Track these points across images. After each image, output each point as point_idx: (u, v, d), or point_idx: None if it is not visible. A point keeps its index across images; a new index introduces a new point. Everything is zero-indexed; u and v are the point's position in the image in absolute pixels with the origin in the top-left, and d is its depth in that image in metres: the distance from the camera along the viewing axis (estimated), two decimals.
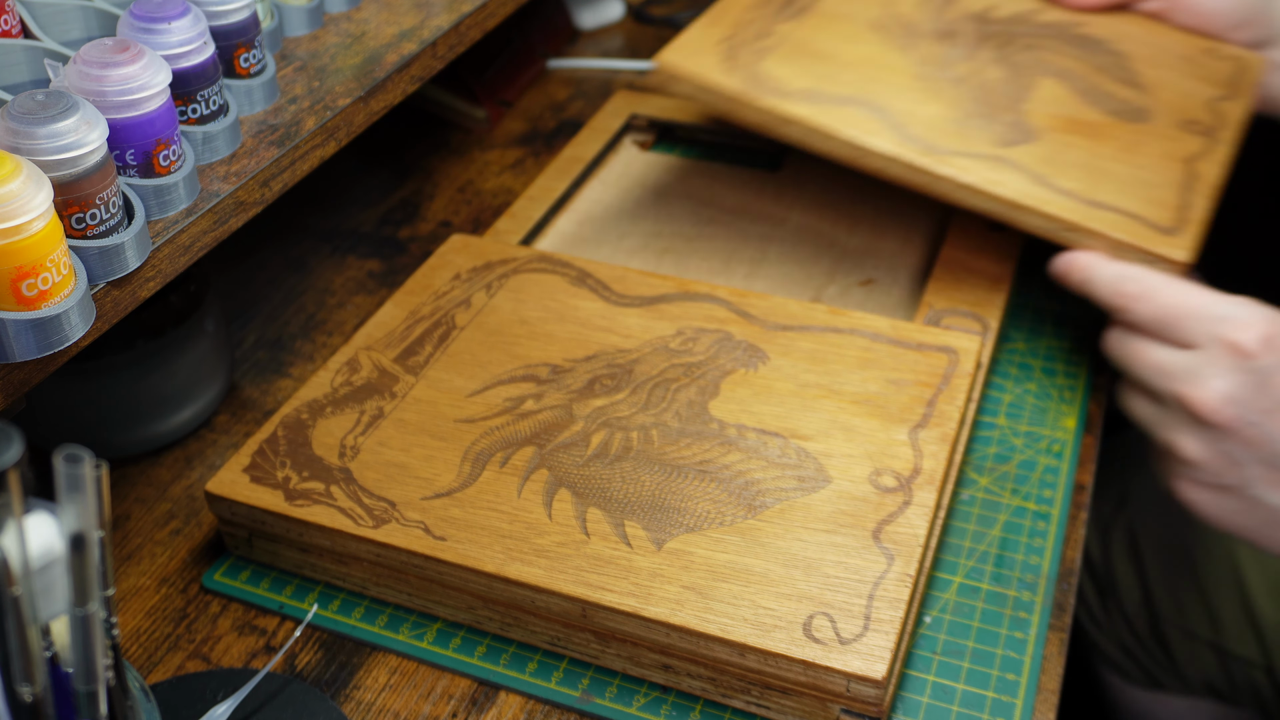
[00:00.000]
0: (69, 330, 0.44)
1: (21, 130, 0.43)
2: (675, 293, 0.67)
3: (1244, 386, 0.56)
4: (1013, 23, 0.77)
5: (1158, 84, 0.73)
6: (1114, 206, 0.64)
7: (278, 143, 0.55)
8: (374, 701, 0.54)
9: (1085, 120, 0.70)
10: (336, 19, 0.65)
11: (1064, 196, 0.64)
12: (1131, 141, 0.68)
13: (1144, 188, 0.65)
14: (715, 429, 0.58)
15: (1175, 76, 0.74)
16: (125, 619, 0.58)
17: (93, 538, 0.32)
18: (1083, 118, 0.70)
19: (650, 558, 0.53)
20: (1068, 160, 0.67)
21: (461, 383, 0.62)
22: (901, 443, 0.57)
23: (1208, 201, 0.65)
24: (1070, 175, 0.66)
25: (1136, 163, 0.67)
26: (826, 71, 0.70)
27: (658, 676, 0.53)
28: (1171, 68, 0.75)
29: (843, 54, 0.71)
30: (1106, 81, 0.73)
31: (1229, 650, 0.79)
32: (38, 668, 0.33)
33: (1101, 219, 0.63)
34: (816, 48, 0.71)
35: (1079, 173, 0.66)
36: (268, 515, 0.56)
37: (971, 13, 0.77)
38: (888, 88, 0.69)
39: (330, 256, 0.82)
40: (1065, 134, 0.68)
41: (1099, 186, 0.65)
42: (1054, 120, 0.69)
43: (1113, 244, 0.63)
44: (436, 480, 0.56)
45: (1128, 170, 0.66)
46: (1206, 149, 0.69)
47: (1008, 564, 0.59)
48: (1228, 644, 0.79)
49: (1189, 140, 0.69)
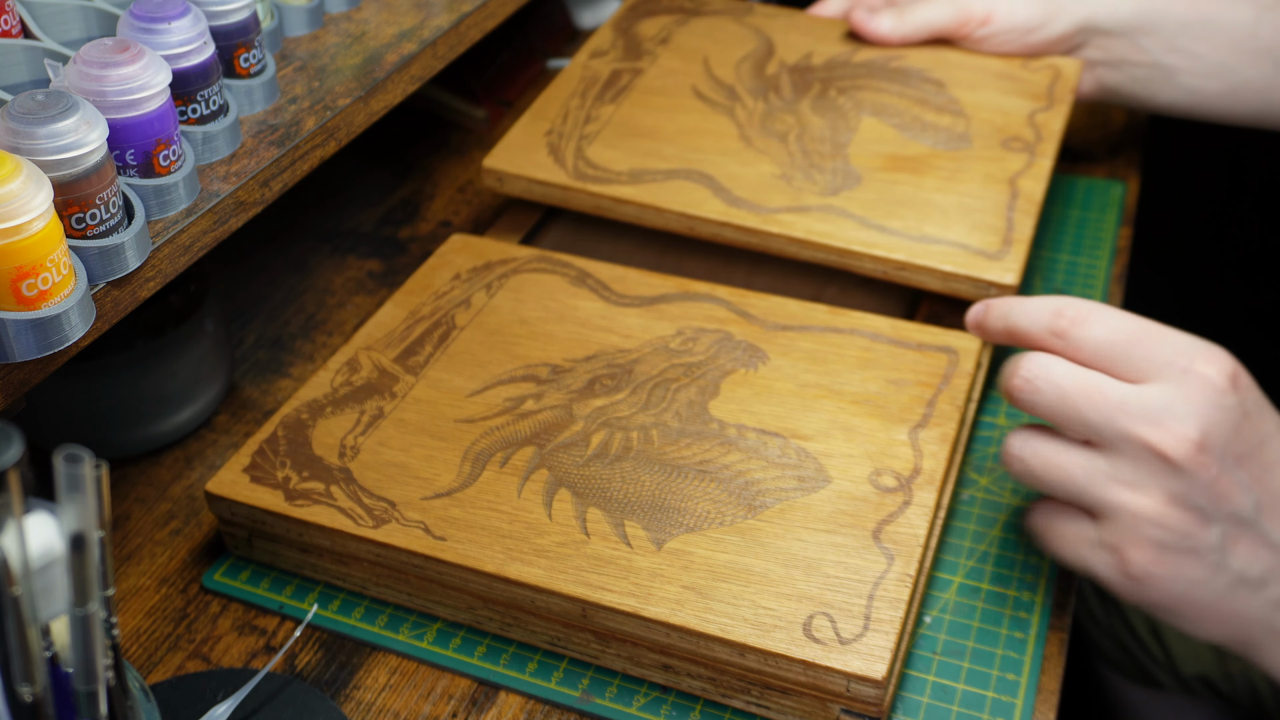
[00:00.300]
0: (69, 330, 0.44)
1: (21, 130, 0.43)
2: (675, 293, 0.67)
3: (1220, 426, 0.47)
4: (830, 67, 0.79)
5: (977, 106, 0.76)
6: (941, 239, 0.66)
7: (278, 143, 0.55)
8: (374, 701, 0.54)
9: (908, 155, 0.72)
10: (336, 19, 0.65)
11: (893, 236, 0.66)
12: (954, 170, 0.71)
13: (969, 214, 0.68)
14: (715, 429, 0.58)
15: (994, 95, 0.76)
16: (125, 619, 0.58)
17: (93, 538, 0.32)
18: (905, 153, 0.72)
19: (650, 558, 0.53)
20: (894, 198, 0.69)
21: (461, 383, 0.62)
22: (901, 443, 0.57)
23: (1031, 219, 0.67)
24: (897, 214, 0.68)
25: (961, 190, 0.69)
26: (651, 148, 0.72)
27: (658, 676, 0.53)
28: (989, 87, 0.77)
29: (666, 128, 0.74)
30: (927, 112, 0.75)
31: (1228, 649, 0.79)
32: (38, 668, 0.33)
33: (930, 253, 0.65)
34: (640, 125, 0.74)
35: (905, 210, 0.68)
36: (268, 515, 0.56)
37: (790, 64, 0.80)
38: (712, 154, 0.72)
39: (330, 256, 0.82)
40: (890, 172, 0.71)
41: (926, 221, 0.67)
42: (878, 160, 0.72)
43: (943, 276, 0.64)
44: (436, 480, 0.56)
45: (953, 199, 0.69)
46: (1028, 165, 0.71)
47: (1007, 564, 0.59)
48: None
49: (1011, 159, 0.71)
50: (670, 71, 0.79)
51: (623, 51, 0.81)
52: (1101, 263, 0.79)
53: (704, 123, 0.74)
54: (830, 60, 0.80)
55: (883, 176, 0.70)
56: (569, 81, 0.78)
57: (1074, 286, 0.76)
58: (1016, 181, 0.70)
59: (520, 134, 0.74)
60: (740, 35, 0.82)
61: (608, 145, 0.73)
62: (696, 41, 0.82)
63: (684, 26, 0.83)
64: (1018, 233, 0.66)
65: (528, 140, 0.73)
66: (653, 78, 0.78)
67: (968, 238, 0.66)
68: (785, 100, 0.76)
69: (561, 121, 0.74)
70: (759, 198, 0.69)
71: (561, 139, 0.73)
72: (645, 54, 0.80)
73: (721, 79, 0.78)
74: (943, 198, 0.69)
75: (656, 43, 0.81)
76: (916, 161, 0.71)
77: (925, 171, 0.71)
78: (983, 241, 0.66)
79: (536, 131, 0.74)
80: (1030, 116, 0.75)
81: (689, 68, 0.79)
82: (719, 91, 0.77)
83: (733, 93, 0.77)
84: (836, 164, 0.71)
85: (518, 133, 0.74)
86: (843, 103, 0.76)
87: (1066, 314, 0.50)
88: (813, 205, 0.68)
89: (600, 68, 0.79)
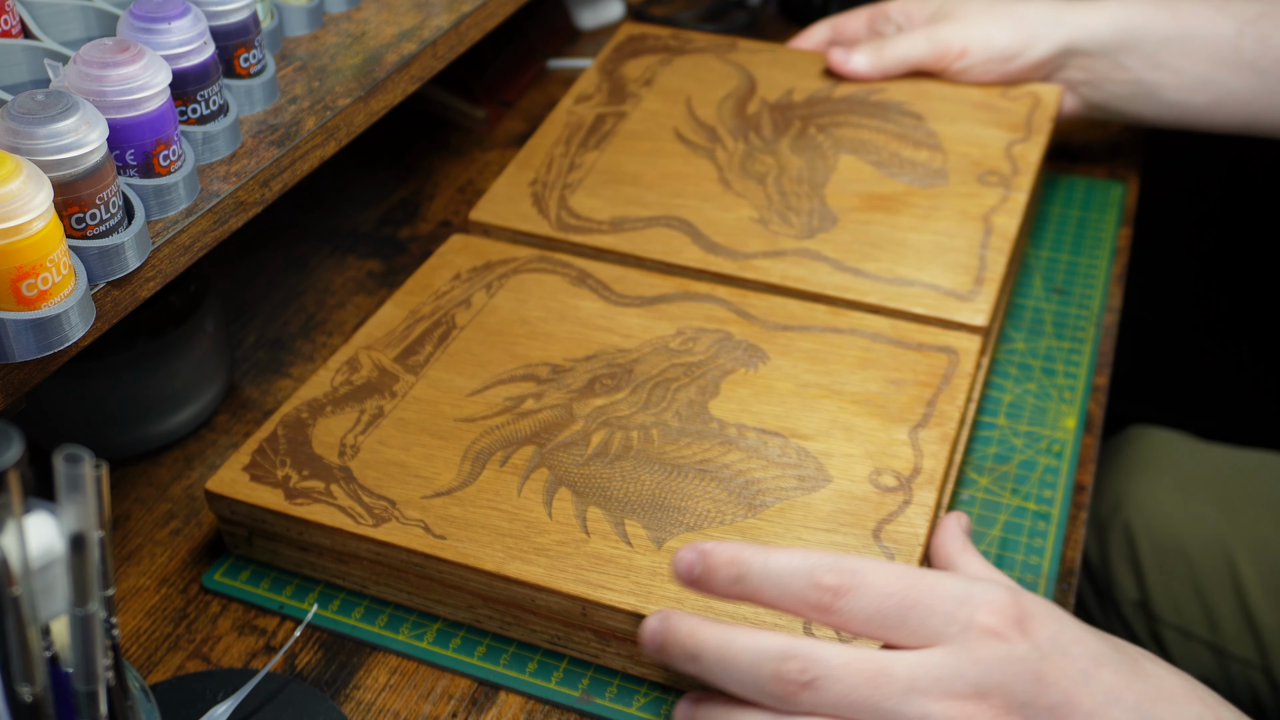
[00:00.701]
0: (69, 330, 0.44)
1: (21, 130, 0.43)
2: (675, 293, 0.67)
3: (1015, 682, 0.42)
4: (811, 104, 0.80)
5: (955, 140, 0.76)
6: (914, 280, 0.66)
7: (278, 143, 0.55)
8: (374, 701, 0.54)
9: (884, 194, 0.72)
10: (336, 19, 0.65)
11: (866, 279, 0.67)
12: (930, 207, 0.71)
13: (943, 254, 0.68)
14: (715, 428, 0.59)
15: (972, 127, 0.77)
16: (125, 619, 0.58)
17: (93, 538, 0.32)
18: (882, 191, 0.73)
19: (650, 556, 0.53)
20: (869, 239, 0.69)
21: (461, 382, 0.62)
22: (902, 442, 0.57)
23: (1004, 256, 0.68)
24: (872, 255, 0.68)
25: (935, 229, 0.70)
26: (633, 194, 0.73)
27: (658, 675, 0.53)
28: (968, 119, 0.78)
29: (647, 173, 0.75)
30: (905, 148, 0.76)
31: (1226, 651, 0.79)
32: (38, 668, 0.33)
33: (902, 296, 0.65)
34: (622, 171, 0.75)
35: (880, 251, 0.68)
36: (268, 514, 0.56)
37: (771, 102, 0.80)
38: (692, 199, 0.73)
39: (330, 256, 0.82)
40: (866, 212, 0.71)
41: (900, 262, 0.68)
42: (855, 199, 0.72)
43: (914, 318, 0.64)
44: (436, 479, 0.56)
45: (927, 238, 0.69)
46: (1002, 200, 0.72)
47: (1008, 564, 0.59)
48: (1225, 644, 0.80)
49: (986, 194, 0.72)
50: (653, 114, 0.80)
51: (607, 95, 0.82)
52: (1101, 263, 0.79)
53: (685, 166, 0.75)
54: (811, 96, 0.81)
55: (858, 217, 0.71)
56: (554, 128, 0.79)
57: (1074, 286, 0.77)
58: (991, 218, 0.70)
59: (506, 184, 0.75)
60: (723, 73, 0.84)
61: (590, 194, 0.74)
62: (680, 81, 0.83)
63: (668, 66, 0.85)
64: (989, 271, 0.67)
65: (513, 191, 0.74)
66: (636, 121, 0.79)
67: (940, 278, 0.66)
68: (765, 140, 0.77)
69: (546, 170, 0.76)
70: (736, 243, 0.70)
71: (545, 188, 0.74)
72: (629, 96, 0.82)
73: (703, 120, 0.79)
74: (917, 236, 0.69)
75: (640, 84, 0.83)
76: (892, 200, 0.72)
77: (901, 210, 0.71)
78: (954, 282, 0.66)
79: (521, 181, 0.75)
80: (1008, 149, 0.75)
81: (672, 109, 0.80)
82: (700, 133, 0.78)
83: (714, 134, 0.78)
84: (814, 205, 0.72)
85: (503, 183, 0.75)
86: (821, 140, 0.77)
87: (826, 583, 0.43)
88: (789, 249, 0.69)
89: (585, 113, 0.81)
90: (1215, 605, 0.79)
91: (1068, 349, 0.71)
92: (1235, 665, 0.80)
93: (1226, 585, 0.79)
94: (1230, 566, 0.79)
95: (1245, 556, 0.79)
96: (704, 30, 0.97)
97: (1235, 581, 0.79)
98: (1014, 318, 0.74)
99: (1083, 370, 0.70)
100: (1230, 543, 0.79)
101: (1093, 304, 0.75)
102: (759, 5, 1.08)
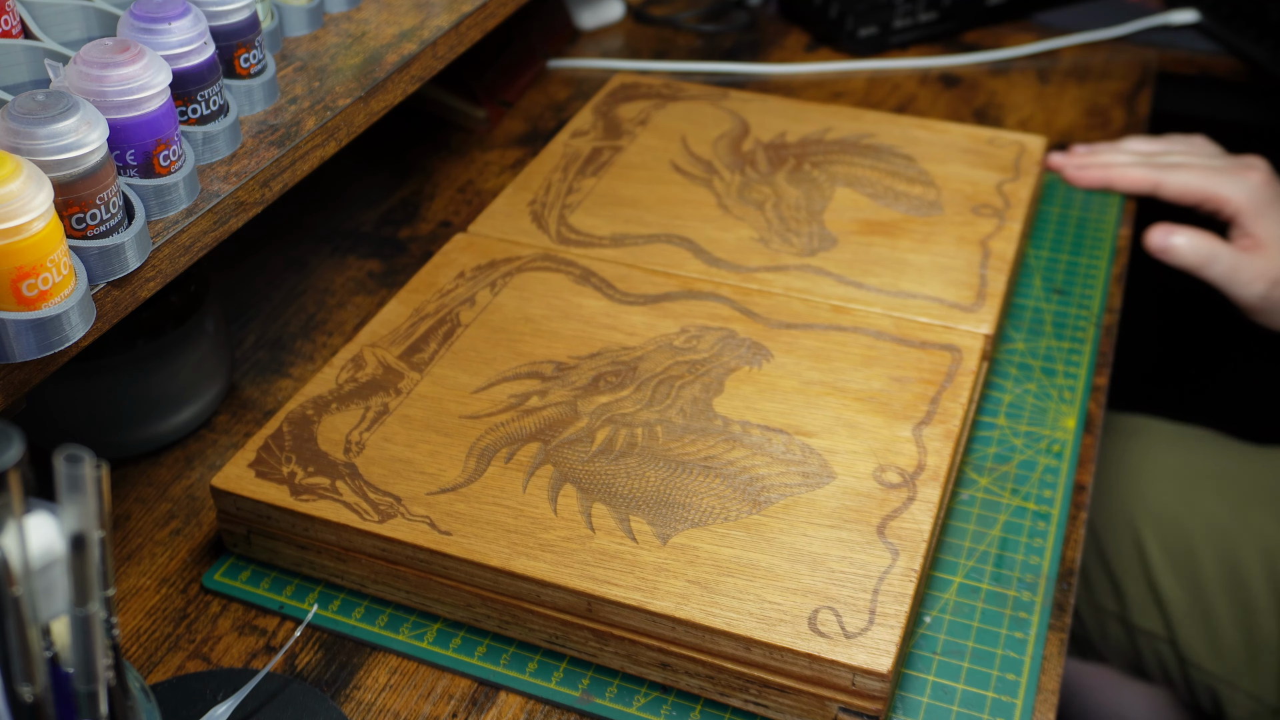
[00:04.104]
0: (69, 330, 0.44)
1: (22, 130, 0.43)
2: (679, 291, 0.67)
3: None
4: (804, 145, 0.81)
5: (946, 178, 0.78)
6: (917, 294, 0.68)
7: (278, 143, 0.55)
8: (374, 701, 0.54)
9: (882, 220, 0.74)
10: (336, 19, 0.65)
11: (869, 291, 0.68)
12: (928, 233, 0.72)
13: (943, 272, 0.69)
14: (719, 425, 0.58)
15: (962, 168, 0.79)
16: (125, 619, 0.58)
17: (93, 538, 0.32)
18: (879, 218, 0.74)
19: (655, 552, 0.53)
20: (870, 258, 0.70)
21: (466, 379, 0.62)
22: (905, 439, 0.57)
23: (1004, 275, 0.69)
24: (874, 272, 0.69)
25: (934, 251, 0.71)
26: (632, 215, 0.74)
27: (656, 675, 0.53)
28: (957, 161, 0.79)
29: (646, 198, 0.76)
30: (898, 182, 0.77)
31: (1135, 624, 0.82)
32: (38, 668, 0.33)
33: (906, 306, 0.66)
34: (621, 195, 0.76)
35: (881, 268, 0.70)
36: (273, 510, 0.56)
37: (765, 142, 0.82)
38: (692, 220, 0.74)
39: (330, 256, 0.82)
40: (866, 235, 0.72)
41: (902, 278, 0.69)
42: (853, 225, 0.73)
43: (922, 327, 0.65)
44: (442, 476, 0.56)
45: (927, 259, 0.70)
46: (998, 228, 0.73)
47: (1008, 564, 0.59)
48: (1133, 617, 0.82)
49: (981, 223, 0.73)
50: (649, 149, 0.81)
51: (603, 132, 0.83)
52: (1101, 263, 0.79)
53: (683, 193, 0.76)
54: (804, 139, 0.82)
55: (858, 239, 0.72)
56: (550, 157, 0.80)
57: (1074, 286, 0.76)
58: (988, 243, 0.71)
59: (504, 203, 0.75)
60: (716, 117, 0.85)
61: (589, 213, 0.74)
62: (674, 123, 0.84)
63: (662, 110, 0.86)
64: (991, 287, 0.68)
65: (511, 209, 0.75)
66: (632, 154, 0.81)
67: (943, 292, 0.67)
68: (761, 173, 0.78)
69: (544, 192, 0.76)
70: (738, 258, 0.70)
71: (545, 208, 0.75)
72: (625, 133, 0.83)
73: (699, 155, 0.80)
74: (917, 257, 0.70)
75: (635, 124, 0.84)
76: (890, 226, 0.73)
77: (899, 234, 0.72)
78: (957, 295, 0.67)
79: (520, 201, 0.75)
80: (998, 186, 0.77)
81: (667, 145, 0.81)
82: (697, 166, 0.79)
83: (710, 167, 0.79)
84: (813, 228, 0.73)
85: (501, 202, 0.75)
86: (817, 175, 0.78)
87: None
88: (791, 265, 0.70)
89: (581, 145, 0.81)
90: (1122, 579, 0.82)
91: (1068, 349, 0.71)
92: (1145, 639, 0.84)
93: (1133, 559, 0.82)
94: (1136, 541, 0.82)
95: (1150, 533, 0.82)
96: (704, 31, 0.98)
97: (1141, 556, 0.82)
98: (1014, 318, 0.74)
99: (1083, 370, 0.70)
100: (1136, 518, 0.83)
101: (1093, 304, 0.75)
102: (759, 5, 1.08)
